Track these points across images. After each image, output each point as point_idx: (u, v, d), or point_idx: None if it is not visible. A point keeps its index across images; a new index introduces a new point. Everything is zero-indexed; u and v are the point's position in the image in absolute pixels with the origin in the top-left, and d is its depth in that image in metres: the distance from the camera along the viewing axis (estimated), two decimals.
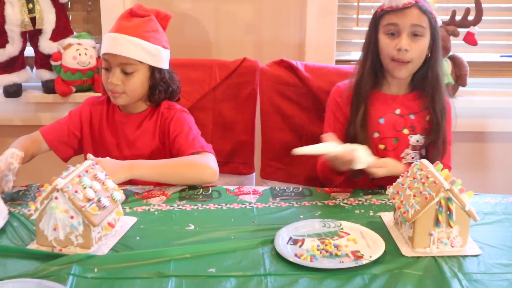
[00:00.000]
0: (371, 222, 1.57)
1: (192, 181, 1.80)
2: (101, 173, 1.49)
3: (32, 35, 2.48)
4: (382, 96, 1.92)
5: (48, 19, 2.44)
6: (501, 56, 2.68)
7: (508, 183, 2.70)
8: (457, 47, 2.51)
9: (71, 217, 1.36)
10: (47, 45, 2.48)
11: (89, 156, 1.60)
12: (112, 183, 1.50)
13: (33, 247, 1.42)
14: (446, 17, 2.45)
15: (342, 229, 1.51)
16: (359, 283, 1.29)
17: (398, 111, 1.91)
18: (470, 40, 2.46)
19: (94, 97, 2.08)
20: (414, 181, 1.47)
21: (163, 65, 1.95)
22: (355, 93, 1.90)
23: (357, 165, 1.67)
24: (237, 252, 1.40)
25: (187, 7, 2.53)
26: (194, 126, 1.97)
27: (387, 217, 1.59)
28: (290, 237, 1.46)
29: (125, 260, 1.35)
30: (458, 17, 2.43)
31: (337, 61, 2.57)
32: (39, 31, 2.46)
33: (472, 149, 2.68)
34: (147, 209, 1.64)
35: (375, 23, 1.87)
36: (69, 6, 2.58)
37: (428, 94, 1.89)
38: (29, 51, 2.55)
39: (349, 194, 1.76)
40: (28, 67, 2.57)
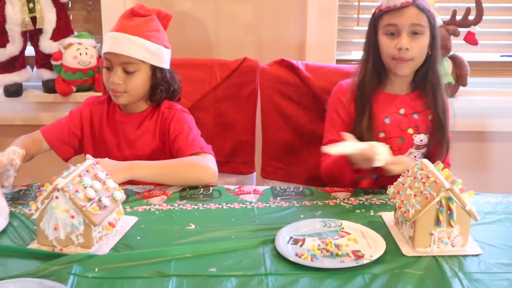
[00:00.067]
0: (371, 221, 1.57)
1: (192, 182, 1.80)
2: (101, 172, 1.49)
3: (32, 35, 2.48)
4: (385, 95, 1.92)
5: (48, 19, 2.44)
6: (501, 56, 2.68)
7: (508, 182, 2.70)
8: (457, 46, 2.51)
9: (72, 217, 1.36)
10: (47, 45, 2.48)
11: (88, 157, 1.60)
12: (112, 182, 1.50)
13: (34, 246, 1.42)
14: (446, 17, 2.45)
15: (342, 228, 1.51)
16: (359, 282, 1.28)
17: (403, 110, 1.91)
18: (471, 39, 2.46)
19: (95, 96, 2.08)
20: (415, 181, 1.47)
21: (164, 65, 1.95)
22: (359, 93, 1.90)
23: (377, 162, 1.66)
24: (238, 252, 1.40)
25: (187, 7, 2.53)
26: (194, 126, 1.97)
27: (388, 216, 1.59)
28: (291, 237, 1.46)
29: (126, 260, 1.35)
30: (458, 17, 2.43)
31: (338, 61, 2.57)
32: (40, 31, 2.46)
33: (473, 148, 2.68)
34: (147, 208, 1.64)
35: (374, 23, 1.87)
36: (69, 5, 2.58)
37: (429, 92, 1.89)
38: (30, 51, 2.55)
39: (349, 193, 1.76)
40: (28, 67, 2.57)
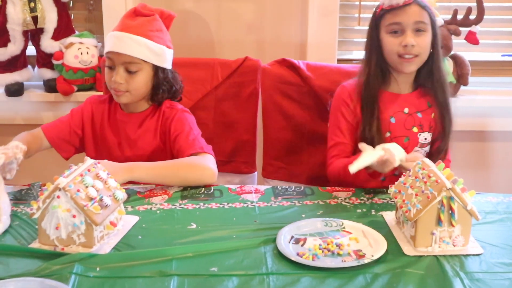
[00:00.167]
0: (373, 221, 1.57)
1: (191, 182, 1.79)
2: (103, 172, 1.49)
3: (34, 34, 2.48)
4: (389, 95, 1.92)
5: (49, 18, 2.44)
6: (502, 55, 2.68)
7: (509, 182, 2.70)
8: (458, 46, 2.51)
9: (73, 216, 1.36)
10: (48, 44, 2.48)
11: (87, 159, 1.59)
12: (114, 182, 1.50)
13: (35, 246, 1.42)
14: (447, 16, 2.45)
15: (344, 228, 1.51)
16: (361, 282, 1.28)
17: (407, 109, 1.91)
18: (472, 39, 2.46)
19: (96, 96, 2.08)
20: (416, 180, 1.47)
21: (166, 65, 1.95)
22: (364, 93, 1.89)
23: (396, 164, 1.66)
24: (239, 251, 1.40)
25: (189, 6, 2.52)
26: (195, 126, 1.97)
27: (389, 216, 1.59)
28: (292, 236, 1.46)
29: (127, 259, 1.35)
30: (459, 16, 2.43)
31: (339, 60, 2.57)
32: (41, 30, 2.46)
33: (474, 148, 2.68)
34: (149, 208, 1.64)
35: (376, 23, 1.87)
36: (70, 5, 2.58)
37: (434, 90, 1.89)
38: (31, 50, 2.55)
39: (351, 193, 1.76)
40: (30, 66, 2.57)
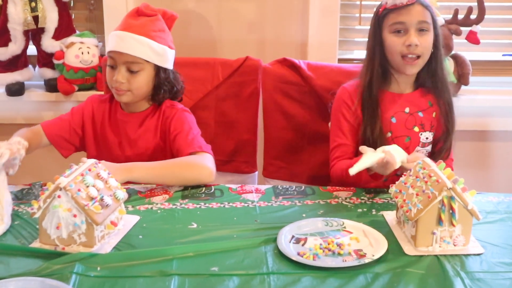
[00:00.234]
0: (373, 221, 1.57)
1: (189, 181, 1.79)
2: (104, 171, 1.49)
3: (34, 34, 2.48)
4: (390, 95, 1.92)
5: (50, 18, 2.44)
6: (503, 55, 2.68)
7: (510, 182, 2.70)
8: (459, 45, 2.51)
9: (74, 216, 1.37)
10: (49, 44, 2.48)
11: (83, 160, 1.57)
12: (115, 181, 1.50)
13: (36, 245, 1.42)
14: (448, 16, 2.45)
15: (344, 227, 1.51)
16: (361, 281, 1.29)
17: (408, 109, 1.91)
18: (473, 38, 2.45)
19: (97, 95, 2.08)
20: (417, 180, 1.47)
21: (168, 65, 1.95)
22: (366, 94, 1.89)
23: (397, 165, 1.66)
24: (240, 251, 1.40)
25: (190, 6, 2.52)
26: (195, 125, 1.96)
27: (390, 216, 1.59)
28: (293, 236, 1.46)
29: (128, 259, 1.35)
30: (460, 16, 2.43)
31: (340, 60, 2.57)
32: (42, 30, 2.46)
33: (475, 147, 2.68)
34: (149, 207, 1.64)
35: (378, 22, 1.86)
36: (71, 4, 2.58)
37: (436, 89, 1.89)
38: (32, 50, 2.55)
39: (351, 193, 1.76)
40: (30, 66, 2.57)
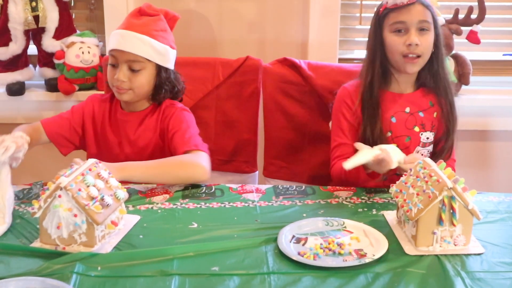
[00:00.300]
0: (374, 220, 1.57)
1: (183, 180, 1.78)
2: (104, 171, 1.49)
3: (35, 33, 2.48)
4: (390, 95, 1.92)
5: (51, 18, 2.44)
6: (504, 55, 2.68)
7: (511, 181, 2.70)
8: (460, 45, 2.51)
9: (75, 215, 1.37)
10: (50, 44, 2.47)
11: (75, 160, 1.56)
12: (115, 181, 1.50)
13: (36, 245, 1.42)
14: (449, 16, 2.45)
15: (345, 227, 1.51)
16: (362, 281, 1.29)
17: (408, 109, 1.91)
18: (473, 38, 2.45)
19: (98, 94, 2.08)
20: (417, 180, 1.47)
21: (169, 65, 1.96)
22: (367, 94, 1.89)
23: (393, 165, 1.66)
24: (240, 251, 1.40)
25: (190, 5, 2.52)
26: (193, 125, 1.96)
27: (390, 215, 1.59)
28: (293, 236, 1.46)
29: (128, 259, 1.35)
30: (461, 16, 2.43)
31: (340, 60, 2.57)
32: (42, 30, 2.46)
33: (475, 147, 2.68)
34: (150, 207, 1.64)
35: (379, 22, 1.86)
36: (72, 4, 2.57)
37: (437, 89, 1.89)
38: (32, 49, 2.55)
39: (352, 192, 1.76)
40: (31, 65, 2.57)
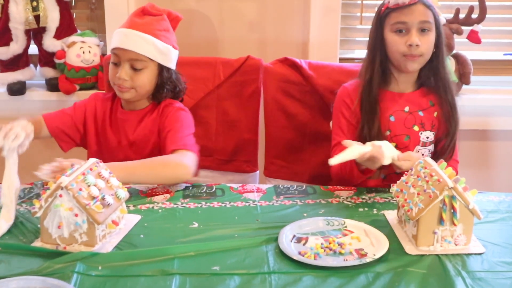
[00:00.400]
0: (374, 220, 1.57)
1: (167, 180, 1.77)
2: (105, 171, 1.49)
3: (36, 33, 2.49)
4: (389, 94, 1.92)
5: (52, 17, 2.44)
6: (504, 54, 2.68)
7: (511, 181, 2.70)
8: (460, 45, 2.50)
9: (76, 215, 1.37)
10: (51, 43, 2.48)
11: (58, 159, 1.55)
12: (116, 181, 1.50)
13: (37, 244, 1.42)
14: (449, 15, 2.45)
15: (345, 227, 1.51)
16: (363, 281, 1.29)
17: (407, 108, 1.91)
18: (474, 38, 2.45)
19: (101, 93, 2.08)
20: (418, 179, 1.47)
21: (171, 65, 1.96)
22: (366, 93, 1.89)
23: (385, 161, 1.67)
24: (241, 250, 1.40)
25: (191, 5, 2.52)
26: (188, 125, 1.94)
27: (391, 215, 1.59)
28: (294, 235, 1.46)
29: (129, 258, 1.36)
30: (461, 15, 2.43)
31: (341, 59, 2.57)
32: (43, 29, 2.46)
33: (476, 147, 2.68)
34: (151, 207, 1.64)
35: (380, 21, 1.86)
36: (73, 4, 2.58)
37: (438, 89, 1.89)
38: (33, 49, 2.55)
39: (352, 192, 1.76)
40: (32, 65, 2.57)
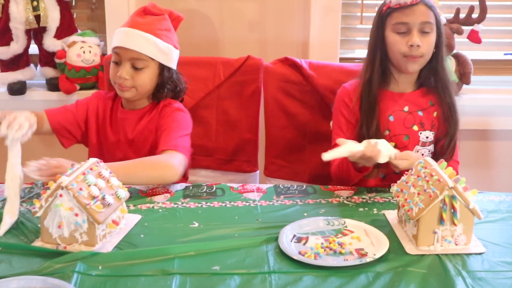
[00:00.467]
0: (375, 220, 1.57)
1: (154, 181, 1.76)
2: (105, 170, 1.49)
3: (36, 33, 2.49)
4: (389, 94, 1.92)
5: (52, 17, 2.44)
6: (505, 54, 2.68)
7: None
8: (461, 45, 2.50)
9: (76, 215, 1.37)
10: (51, 43, 2.48)
11: (45, 158, 1.54)
12: (116, 180, 1.50)
13: (38, 244, 1.42)
14: (450, 15, 2.45)
15: (346, 227, 1.51)
16: (363, 281, 1.29)
17: (407, 108, 1.91)
18: (474, 38, 2.45)
19: (104, 91, 2.08)
20: (418, 179, 1.47)
21: (172, 65, 1.96)
22: (365, 93, 1.89)
23: (381, 159, 1.67)
24: (241, 250, 1.40)
25: (191, 5, 2.52)
26: (183, 126, 1.93)
27: (391, 215, 1.59)
28: (294, 235, 1.46)
29: (130, 258, 1.36)
30: (462, 15, 2.43)
31: (341, 59, 2.57)
32: (44, 29, 2.46)
33: (476, 147, 2.68)
34: (151, 206, 1.64)
35: (382, 21, 1.86)
36: (73, 3, 2.58)
37: (438, 89, 1.89)
38: (34, 49, 2.55)
39: (353, 192, 1.76)
40: (32, 65, 2.57)
